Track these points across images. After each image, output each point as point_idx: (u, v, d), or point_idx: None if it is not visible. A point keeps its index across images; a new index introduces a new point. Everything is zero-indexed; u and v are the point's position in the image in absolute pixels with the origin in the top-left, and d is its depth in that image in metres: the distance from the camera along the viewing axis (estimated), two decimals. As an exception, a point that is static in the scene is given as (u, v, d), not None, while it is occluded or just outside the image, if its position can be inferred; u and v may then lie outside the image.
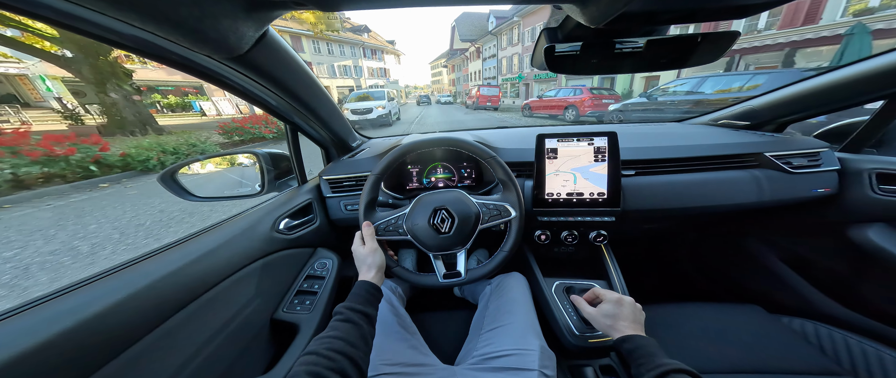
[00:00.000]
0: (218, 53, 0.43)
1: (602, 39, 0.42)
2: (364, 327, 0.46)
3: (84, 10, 0.31)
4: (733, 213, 0.91)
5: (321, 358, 0.38)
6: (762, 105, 1.01)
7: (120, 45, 0.38)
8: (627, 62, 0.46)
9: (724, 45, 0.40)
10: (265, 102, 0.64)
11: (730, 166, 0.87)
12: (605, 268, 0.85)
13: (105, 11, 0.31)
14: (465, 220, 0.66)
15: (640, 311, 0.59)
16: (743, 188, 0.84)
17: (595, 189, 0.79)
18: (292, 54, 0.57)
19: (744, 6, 0.33)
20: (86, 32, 0.35)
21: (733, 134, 1.00)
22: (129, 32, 0.37)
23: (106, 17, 0.32)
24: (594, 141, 0.78)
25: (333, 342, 0.40)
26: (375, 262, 0.59)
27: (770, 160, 0.84)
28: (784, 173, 0.83)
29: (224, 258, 0.58)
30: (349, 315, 0.46)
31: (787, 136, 0.96)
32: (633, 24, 0.39)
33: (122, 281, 0.44)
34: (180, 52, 0.43)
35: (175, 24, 0.33)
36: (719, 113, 1.18)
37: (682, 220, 1.00)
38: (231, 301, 0.58)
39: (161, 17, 0.32)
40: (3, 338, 0.32)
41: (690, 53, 0.43)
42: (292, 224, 0.77)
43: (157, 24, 0.33)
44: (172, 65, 0.45)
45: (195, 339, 0.50)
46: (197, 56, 0.45)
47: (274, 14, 0.40)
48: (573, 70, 0.48)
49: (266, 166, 0.81)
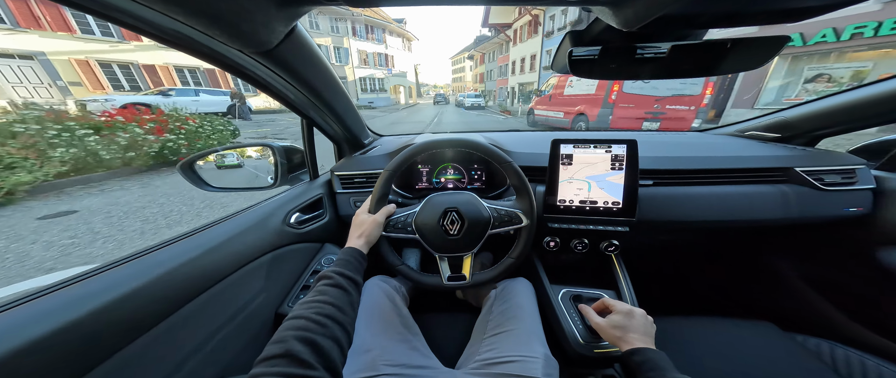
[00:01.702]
0: (249, 48, 0.44)
1: (625, 43, 0.41)
2: (353, 294, 0.45)
3: (127, 3, 0.32)
4: (757, 228, 0.88)
5: (313, 323, 0.36)
6: (795, 117, 0.96)
7: (158, 37, 0.40)
8: (648, 67, 0.44)
9: (771, 51, 0.37)
10: (285, 97, 0.66)
11: (756, 180, 0.83)
12: (614, 277, 0.83)
13: (150, 5, 0.32)
14: (475, 224, 0.65)
15: (652, 323, 0.56)
16: (769, 204, 0.80)
17: (610, 198, 0.75)
18: (316, 50, 0.58)
19: (801, 8, 0.30)
20: (125, 24, 0.36)
21: (761, 146, 0.96)
22: (167, 25, 0.38)
23: (148, 10, 0.33)
24: (612, 148, 0.74)
25: (324, 307, 0.39)
26: (371, 233, 0.60)
27: (800, 175, 0.81)
28: (814, 190, 0.79)
29: (237, 249, 0.61)
30: (339, 280, 0.45)
31: (819, 150, 0.91)
32: (668, 27, 0.36)
33: (138, 268, 0.45)
34: (212, 45, 0.44)
35: (214, 18, 0.35)
36: (747, 123, 1.11)
37: (700, 233, 0.96)
38: (240, 292, 0.60)
39: (201, 11, 0.33)
40: (21, 322, 0.34)
41: (721, 60, 0.40)
42: (303, 218, 0.80)
43: (197, 18, 0.35)
44: (205, 58, 0.47)
45: (205, 329, 0.52)
46: (228, 50, 0.46)
47: (302, 10, 0.41)
48: (591, 74, 0.47)
49: (280, 159, 0.84)
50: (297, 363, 0.31)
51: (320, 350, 0.33)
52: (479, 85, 45.88)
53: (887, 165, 0.83)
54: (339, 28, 24.46)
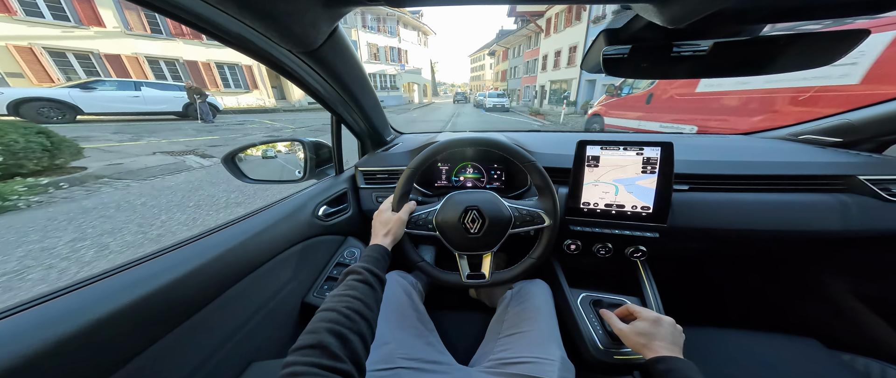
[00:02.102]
0: (297, 47, 0.47)
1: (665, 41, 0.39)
2: (378, 291, 0.46)
3: (197, 3, 0.35)
4: (809, 240, 0.81)
5: (342, 316, 0.37)
6: (861, 120, 0.88)
7: (213, 34, 0.43)
8: (684, 66, 0.42)
9: (841, 48, 0.34)
10: (318, 93, 0.68)
11: (811, 188, 0.77)
12: (639, 284, 0.80)
13: (219, 6, 0.35)
14: (496, 223, 0.64)
15: (681, 333, 0.55)
16: (825, 214, 0.74)
17: (639, 202, 0.74)
18: (353, 50, 0.61)
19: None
20: (184, 20, 0.39)
21: (818, 152, 0.89)
22: (230, 27, 0.41)
23: (208, 7, 0.36)
24: (644, 151, 0.72)
25: (352, 302, 0.40)
26: (396, 231, 0.60)
27: (863, 184, 0.74)
28: (880, 201, 0.73)
29: (274, 237, 0.62)
30: (367, 276, 0.46)
31: (888, 158, 0.83)
32: (719, 23, 0.35)
33: (193, 252, 0.47)
34: (264, 46, 0.47)
35: (271, 18, 0.37)
36: (801, 127, 1.04)
37: (741, 243, 0.90)
38: (273, 280, 0.61)
39: (261, 12, 0.35)
40: (89, 301, 0.36)
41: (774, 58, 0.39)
42: (329, 211, 0.80)
43: (259, 19, 0.37)
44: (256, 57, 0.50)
45: (241, 314, 0.53)
46: (277, 50, 0.49)
47: (344, 10, 0.42)
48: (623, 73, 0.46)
49: (309, 154, 0.85)
50: (328, 355, 0.32)
51: (348, 343, 0.35)
52: (500, 83, 40.70)
53: None
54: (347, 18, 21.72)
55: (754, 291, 1.15)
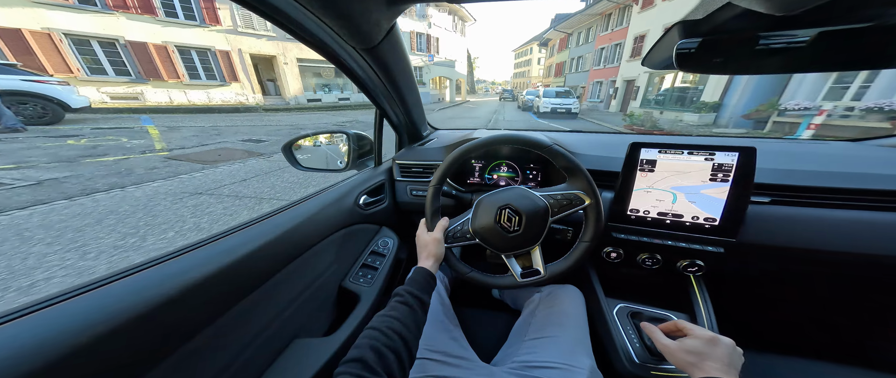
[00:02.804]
0: (361, 44, 0.51)
1: (750, 34, 0.34)
2: (418, 313, 0.48)
3: (286, 3, 0.38)
4: None
5: (381, 334, 0.41)
6: None
7: (297, 34, 0.46)
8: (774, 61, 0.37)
9: None
10: (367, 87, 0.72)
11: None
12: (689, 300, 0.74)
13: (304, 5, 0.38)
14: (534, 216, 0.62)
15: (740, 356, 0.49)
16: None
17: (701, 213, 0.66)
18: (404, 47, 0.65)
19: None
20: (267, 15, 0.41)
21: None
22: (309, 26, 0.44)
23: (298, 10, 0.39)
24: (716, 156, 0.64)
25: (392, 322, 0.44)
26: (436, 251, 0.61)
27: None
28: None
29: (322, 222, 0.67)
30: (408, 298, 0.49)
31: None
32: (844, 9, 0.30)
33: (258, 232, 0.51)
34: (331, 44, 0.51)
35: (344, 16, 0.40)
36: None
37: (832, 266, 0.77)
38: (318, 263, 0.66)
39: (335, 9, 0.38)
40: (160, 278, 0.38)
41: None
42: (368, 200, 0.85)
43: (331, 15, 0.40)
44: (324, 54, 0.54)
45: (289, 293, 0.58)
46: (341, 50, 0.53)
47: (403, 7, 0.44)
48: (697, 68, 0.41)
49: (353, 145, 0.91)
50: (367, 368, 0.36)
51: (383, 358, 0.39)
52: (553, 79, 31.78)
53: None
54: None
55: (839, 321, 0.97)
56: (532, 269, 0.64)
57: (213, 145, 5.25)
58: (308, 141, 0.91)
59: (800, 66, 0.37)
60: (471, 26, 30.30)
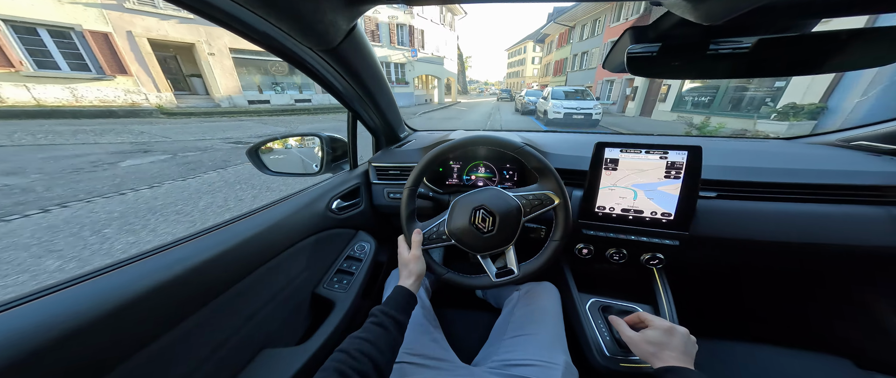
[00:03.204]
0: (318, 46, 0.49)
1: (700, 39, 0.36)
2: (393, 334, 0.48)
3: (228, 3, 0.37)
4: (854, 255, 0.74)
5: (349, 357, 0.41)
6: None
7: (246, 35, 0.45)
8: (725, 65, 0.39)
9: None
10: (336, 90, 0.71)
11: (860, 199, 0.71)
12: (653, 292, 0.78)
13: (245, 5, 0.36)
14: (507, 216, 0.63)
15: (694, 344, 0.53)
16: (875, 228, 0.68)
17: (659, 209, 0.70)
18: (370, 49, 0.63)
19: None
20: (216, 19, 0.41)
21: (872, 159, 0.80)
22: (257, 26, 0.43)
23: (243, 10, 0.38)
24: (669, 155, 0.68)
25: (362, 344, 0.43)
26: (416, 269, 0.60)
27: None
28: None
29: (291, 228, 0.65)
30: (382, 319, 0.49)
31: None
32: (764, 19, 0.33)
33: (217, 239, 0.50)
34: (288, 44, 0.50)
35: (295, 17, 0.39)
36: (855, 132, 0.93)
37: (771, 255, 0.83)
38: (288, 269, 0.65)
39: (286, 10, 0.37)
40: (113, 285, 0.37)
41: (831, 55, 0.34)
42: (342, 205, 0.84)
43: (282, 18, 0.39)
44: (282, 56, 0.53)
45: (258, 300, 0.57)
46: (299, 49, 0.51)
47: (363, 8, 0.44)
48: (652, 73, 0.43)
49: (326, 148, 0.89)
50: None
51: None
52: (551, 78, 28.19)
53: None
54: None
55: (783, 306, 1.07)
56: (506, 268, 0.65)
57: None
58: (277, 143, 0.88)
59: (747, 71, 0.40)
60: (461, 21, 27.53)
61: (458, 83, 33.83)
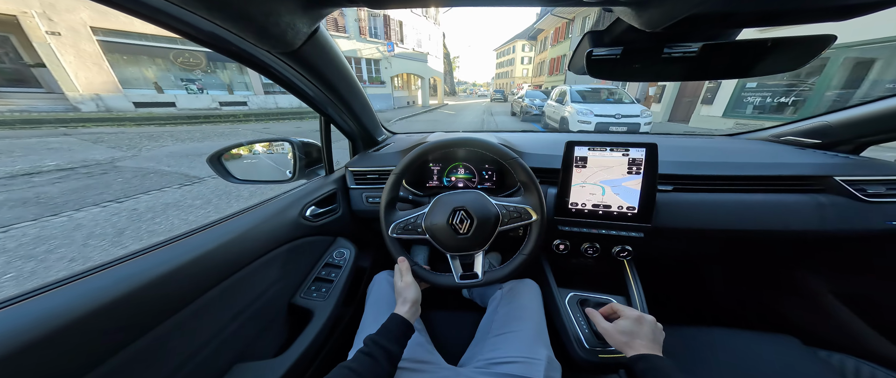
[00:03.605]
0: (276, 49, 0.47)
1: (654, 44, 0.39)
2: (382, 365, 0.46)
3: (166, 4, 0.35)
4: (788, 240, 0.83)
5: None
6: (839, 122, 0.91)
7: (192, 36, 0.43)
8: (676, 68, 0.42)
9: (813, 50, 0.35)
10: (305, 94, 0.68)
11: (790, 189, 0.79)
12: (625, 283, 0.81)
13: (192, 8, 0.35)
14: (484, 222, 0.65)
15: (661, 330, 0.56)
16: (803, 214, 0.75)
17: (624, 203, 0.75)
18: (337, 51, 0.61)
19: (849, 6, 0.28)
20: (163, 24, 0.39)
21: (798, 153, 0.91)
22: (203, 27, 0.41)
23: (183, 11, 0.36)
24: (630, 152, 0.73)
25: (349, 374, 0.43)
26: (411, 296, 0.59)
27: (840, 185, 0.76)
28: (855, 201, 0.74)
29: (259, 239, 0.62)
30: (372, 349, 0.48)
31: (864, 159, 0.85)
32: (696, 27, 0.35)
33: (172, 253, 0.47)
34: (242, 46, 0.47)
35: (246, 20, 0.37)
36: (784, 128, 1.06)
37: (724, 243, 0.92)
38: (259, 281, 0.62)
39: (235, 13, 0.35)
40: (61, 303, 0.35)
41: (759, 60, 0.39)
42: (318, 211, 0.81)
43: (232, 20, 0.37)
44: (238, 58, 0.50)
45: (226, 314, 0.54)
46: (256, 51, 0.49)
47: (325, 11, 0.43)
48: (617, 76, 0.45)
49: (299, 154, 0.86)
50: None
51: None
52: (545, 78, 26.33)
53: None
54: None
55: (738, 291, 1.17)
56: (472, 272, 0.67)
57: None
58: (244, 150, 0.83)
59: (695, 74, 0.43)
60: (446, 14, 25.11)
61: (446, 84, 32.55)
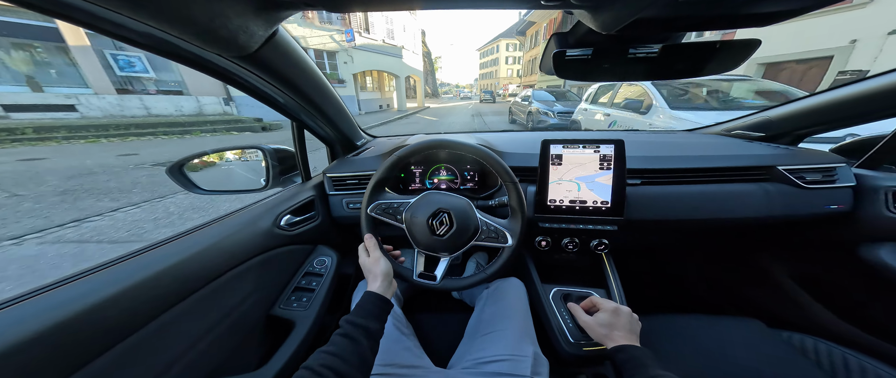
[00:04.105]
0: (228, 52, 0.44)
1: (610, 45, 0.41)
2: (362, 344, 0.45)
3: (99, 8, 0.32)
4: (742, 226, 0.89)
5: (311, 373, 0.38)
6: (778, 116, 0.99)
7: (133, 42, 0.40)
8: (640, 68, 0.45)
9: (744, 54, 0.39)
10: (273, 100, 0.66)
11: (741, 178, 0.85)
12: (604, 276, 0.84)
13: (118, 10, 0.32)
14: (463, 231, 0.65)
15: (637, 321, 0.59)
16: (753, 202, 0.82)
17: (598, 198, 0.78)
18: (301, 53, 0.58)
19: (768, 14, 0.32)
20: (102, 30, 0.36)
21: (746, 145, 0.99)
22: (143, 30, 0.38)
23: (120, 15, 0.33)
24: (600, 148, 0.77)
25: (326, 358, 0.41)
26: (381, 269, 0.58)
27: (782, 174, 0.83)
28: (797, 188, 0.81)
29: (225, 252, 0.59)
30: (348, 329, 0.46)
31: (801, 149, 0.94)
32: (647, 30, 0.38)
33: (121, 273, 0.45)
34: (191, 49, 0.44)
35: (186, 22, 0.34)
36: (733, 123, 1.16)
37: (689, 232, 0.99)
38: (230, 295, 0.59)
39: (173, 15, 0.33)
40: (5, 324, 0.33)
41: (708, 61, 0.42)
42: (294, 220, 0.78)
43: (170, 22, 0.34)
44: (184, 62, 0.46)
45: (196, 329, 0.51)
46: (208, 54, 0.46)
47: (283, 14, 0.41)
48: (583, 76, 0.47)
49: (271, 162, 0.82)
50: None
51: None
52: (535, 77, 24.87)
53: (866, 163, 0.85)
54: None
55: (708, 278, 1.24)
56: (431, 274, 0.67)
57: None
58: (213, 157, 0.79)
59: (657, 74, 0.46)
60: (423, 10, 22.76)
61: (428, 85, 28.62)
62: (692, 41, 0.41)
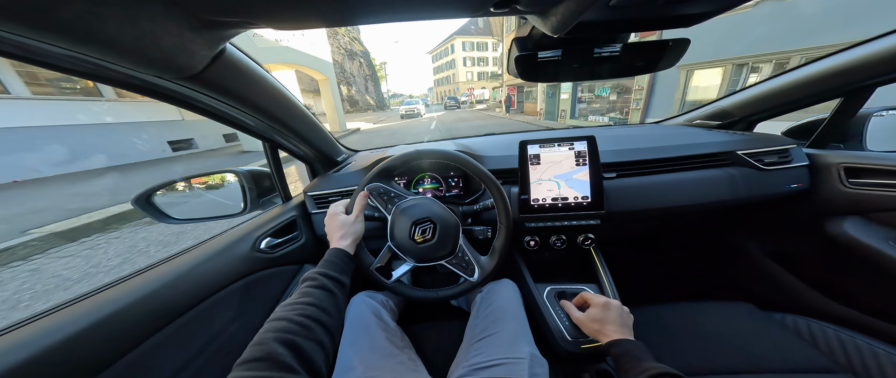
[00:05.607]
0: (167, 74, 0.40)
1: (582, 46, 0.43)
2: (338, 297, 0.44)
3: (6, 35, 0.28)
4: (714, 210, 0.92)
5: (295, 325, 0.35)
6: (731, 105, 1.05)
7: (56, 67, 0.35)
8: (606, 67, 0.48)
9: (679, 52, 0.43)
10: (238, 121, 0.63)
11: (705, 165, 0.89)
12: (595, 271, 0.85)
13: (25, 34, 0.28)
14: (439, 247, 0.67)
15: (628, 313, 0.59)
16: (719, 186, 0.85)
17: (578, 194, 0.80)
18: (257, 70, 0.55)
19: (694, 14, 0.35)
20: (19, 57, 0.32)
21: (707, 134, 1.03)
22: (63, 53, 0.33)
23: (31, 41, 0.29)
24: (574, 145, 0.79)
25: (307, 309, 0.38)
26: (355, 231, 0.57)
27: (742, 158, 0.87)
28: (757, 170, 0.86)
29: (199, 281, 0.57)
30: (323, 281, 0.44)
31: (757, 134, 0.99)
32: (593, 32, 0.40)
33: (83, 311, 0.42)
34: (123, 71, 0.39)
35: (107, 44, 0.30)
36: (693, 113, 1.23)
37: (667, 220, 1.02)
38: (210, 323, 0.57)
39: (86, 36, 0.29)
40: None
41: (660, 59, 0.45)
42: (275, 242, 0.75)
43: (85, 44, 0.30)
44: (124, 86, 0.42)
45: (176, 359, 0.49)
46: (150, 76, 0.42)
47: (228, 33, 0.38)
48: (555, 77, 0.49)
49: (247, 184, 0.80)
50: (278, 366, 0.29)
51: (303, 353, 0.32)
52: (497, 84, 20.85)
53: (815, 143, 0.91)
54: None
55: (695, 264, 1.28)
56: (388, 272, 0.70)
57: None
58: (182, 185, 0.75)
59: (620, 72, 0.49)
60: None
61: (370, 95, 23.68)
62: (650, 40, 0.44)
